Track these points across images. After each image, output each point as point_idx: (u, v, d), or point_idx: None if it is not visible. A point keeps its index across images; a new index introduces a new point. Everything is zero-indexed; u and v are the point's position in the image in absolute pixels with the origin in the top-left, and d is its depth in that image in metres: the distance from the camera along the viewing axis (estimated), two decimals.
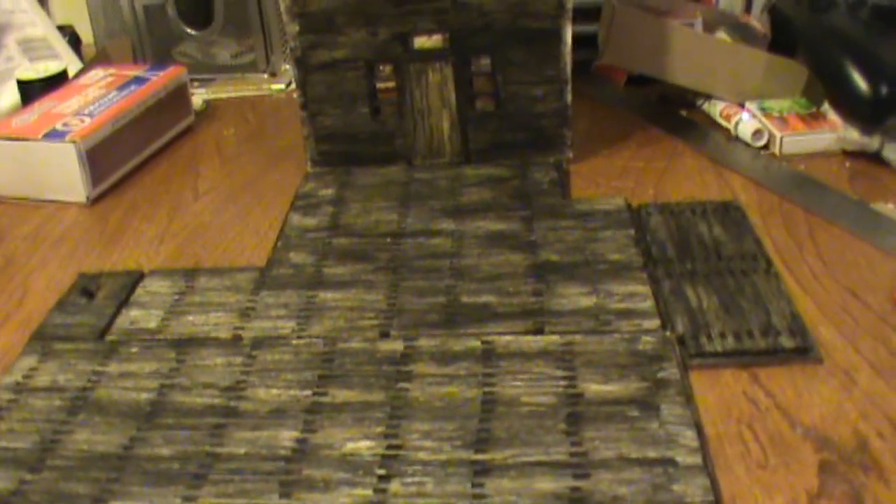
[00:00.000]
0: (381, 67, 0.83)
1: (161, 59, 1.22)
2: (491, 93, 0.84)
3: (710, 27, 1.05)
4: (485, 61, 0.83)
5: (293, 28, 0.82)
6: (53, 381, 0.60)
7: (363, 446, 0.52)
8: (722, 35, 1.03)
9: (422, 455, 0.51)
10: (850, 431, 0.52)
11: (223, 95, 1.16)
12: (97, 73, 1.04)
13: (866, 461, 0.50)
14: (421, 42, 0.82)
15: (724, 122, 0.94)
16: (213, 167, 0.95)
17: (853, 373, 0.57)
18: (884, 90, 0.85)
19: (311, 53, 0.83)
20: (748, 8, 1.17)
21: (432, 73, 0.82)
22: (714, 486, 0.48)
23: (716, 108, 0.95)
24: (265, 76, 1.19)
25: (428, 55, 0.82)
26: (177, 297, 0.69)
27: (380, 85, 0.85)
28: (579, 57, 0.88)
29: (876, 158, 0.85)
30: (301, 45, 0.82)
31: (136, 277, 0.72)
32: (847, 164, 0.86)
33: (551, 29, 0.80)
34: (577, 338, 0.59)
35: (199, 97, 1.12)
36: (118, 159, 0.92)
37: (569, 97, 0.83)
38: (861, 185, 0.82)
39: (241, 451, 0.53)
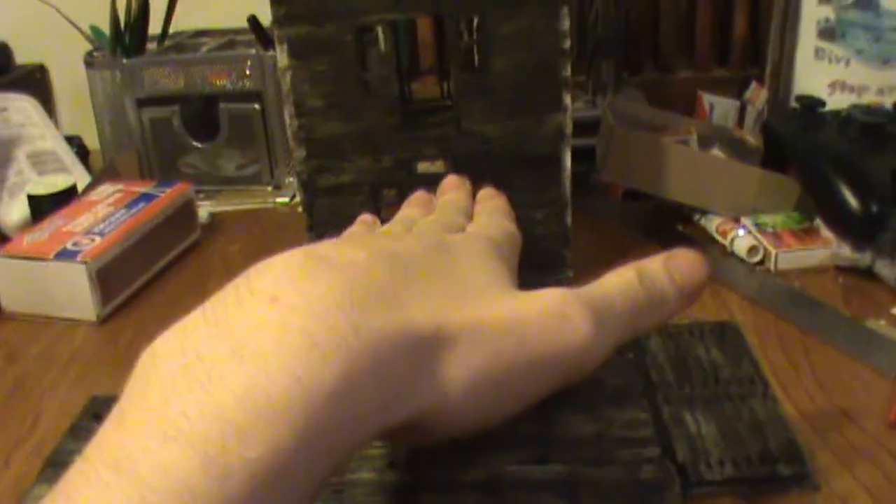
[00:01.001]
0: (385, 192, 0.86)
1: (167, 169, 1.24)
2: None
3: (704, 142, 1.08)
4: (486, 186, 0.85)
5: (300, 153, 0.84)
6: None
7: None
8: (716, 151, 1.05)
9: None
10: None
11: (228, 208, 1.18)
12: (106, 189, 1.06)
13: None
14: (424, 167, 0.84)
15: (719, 238, 0.96)
16: (221, 284, 0.96)
17: (850, 500, 0.59)
18: (874, 207, 0.87)
19: (316, 178, 0.85)
20: (740, 122, 1.20)
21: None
22: None
23: (712, 224, 0.98)
24: (269, 189, 1.22)
25: (431, 179, 0.84)
26: None
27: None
28: (578, 169, 0.90)
29: (868, 274, 0.87)
30: (307, 169, 0.85)
31: None
32: (840, 279, 0.88)
33: (552, 154, 0.83)
34: (581, 468, 0.60)
35: (204, 210, 1.14)
36: (127, 278, 0.94)
37: (569, 219, 0.85)
38: (854, 301, 0.84)
39: None
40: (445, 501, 0.59)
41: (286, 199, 1.19)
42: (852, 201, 0.88)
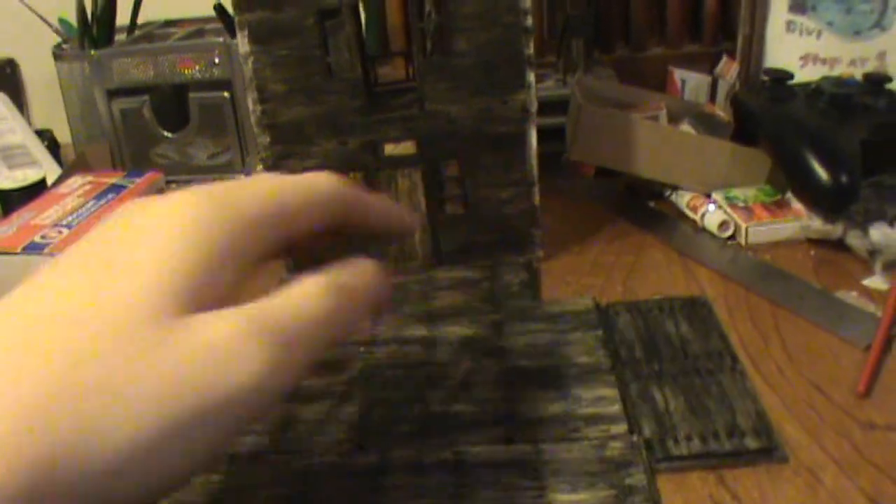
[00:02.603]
0: (352, 175, 0.85)
1: (139, 160, 1.24)
2: (460, 196, 0.86)
3: (674, 118, 1.07)
4: (453, 166, 0.84)
5: (264, 139, 0.84)
6: None
7: None
8: (686, 126, 1.05)
9: None
10: None
11: None
12: (76, 181, 1.05)
13: None
14: (391, 149, 0.84)
15: (690, 214, 0.96)
16: None
17: (818, 471, 0.58)
18: (844, 178, 0.87)
19: (282, 163, 0.84)
20: (712, 97, 1.20)
21: (402, 179, 0.84)
22: None
23: (683, 199, 0.97)
24: (242, 177, 1.21)
25: (398, 162, 0.84)
26: None
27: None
28: (549, 149, 0.90)
29: (840, 245, 0.87)
30: (272, 155, 0.84)
31: None
32: (812, 252, 0.88)
33: (517, 133, 0.82)
34: (547, 446, 0.60)
35: None
36: None
37: (536, 198, 0.84)
38: (826, 273, 0.84)
39: None
40: (411, 482, 0.58)
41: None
42: (822, 173, 0.88)
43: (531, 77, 0.80)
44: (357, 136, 0.83)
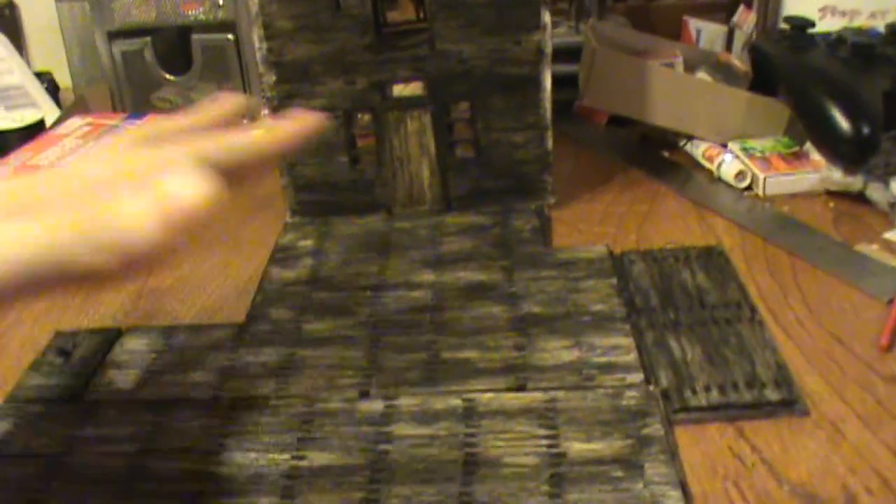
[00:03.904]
0: (359, 116, 0.83)
1: (140, 104, 1.21)
2: (471, 140, 0.83)
3: (690, 67, 1.05)
4: (464, 108, 0.82)
5: (270, 77, 0.81)
6: (27, 447, 0.59)
7: None
8: (702, 75, 1.02)
9: None
10: (838, 487, 0.51)
11: None
12: (75, 123, 1.03)
13: None
14: (399, 90, 0.82)
15: (706, 164, 0.93)
16: None
17: (840, 424, 0.56)
18: (865, 130, 0.84)
19: (288, 103, 0.82)
20: (729, 46, 1.17)
21: (411, 120, 0.82)
22: None
23: (698, 149, 0.95)
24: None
25: (406, 103, 0.82)
26: (154, 355, 0.68)
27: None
28: (561, 97, 0.87)
29: (860, 198, 0.85)
30: (278, 94, 0.82)
31: (114, 335, 0.71)
32: (831, 204, 0.85)
33: (530, 75, 0.80)
34: (560, 394, 0.58)
35: None
36: None
37: (549, 143, 0.82)
38: (845, 225, 0.82)
39: None
40: (419, 429, 0.56)
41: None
42: (844, 124, 0.85)
43: (547, 17, 0.78)
44: (365, 75, 0.81)
